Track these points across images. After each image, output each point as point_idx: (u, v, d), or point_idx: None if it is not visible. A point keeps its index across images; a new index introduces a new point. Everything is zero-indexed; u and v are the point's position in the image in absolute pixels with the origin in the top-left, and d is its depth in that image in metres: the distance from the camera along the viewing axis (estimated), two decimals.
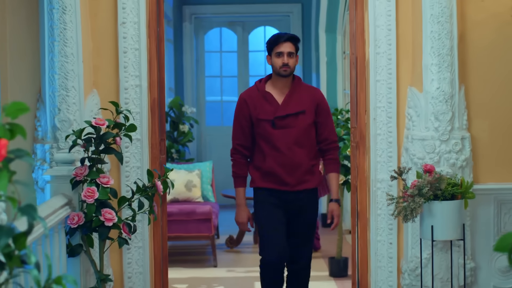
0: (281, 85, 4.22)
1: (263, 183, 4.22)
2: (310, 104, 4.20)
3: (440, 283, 4.21)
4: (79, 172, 3.77)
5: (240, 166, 4.30)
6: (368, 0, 4.33)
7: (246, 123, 4.25)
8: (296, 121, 4.17)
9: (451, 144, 4.21)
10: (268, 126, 4.17)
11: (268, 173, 4.19)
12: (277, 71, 4.17)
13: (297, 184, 4.19)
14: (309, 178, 4.21)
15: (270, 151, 4.17)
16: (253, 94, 4.25)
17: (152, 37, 4.37)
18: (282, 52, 4.15)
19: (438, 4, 4.14)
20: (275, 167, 4.17)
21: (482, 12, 4.34)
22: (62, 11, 4.09)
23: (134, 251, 4.37)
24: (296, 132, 4.16)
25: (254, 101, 4.22)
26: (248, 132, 4.26)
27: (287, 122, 4.17)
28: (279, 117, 4.16)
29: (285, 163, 4.16)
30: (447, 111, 4.18)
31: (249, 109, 4.23)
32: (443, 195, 3.85)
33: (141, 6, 4.31)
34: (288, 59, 4.15)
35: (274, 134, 4.16)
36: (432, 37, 4.15)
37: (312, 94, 4.25)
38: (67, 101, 4.12)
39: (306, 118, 4.18)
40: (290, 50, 4.16)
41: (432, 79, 4.17)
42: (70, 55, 4.10)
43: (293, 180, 4.18)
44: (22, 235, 2.04)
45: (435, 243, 4.13)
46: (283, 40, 4.16)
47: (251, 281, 5.91)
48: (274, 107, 4.19)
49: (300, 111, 4.17)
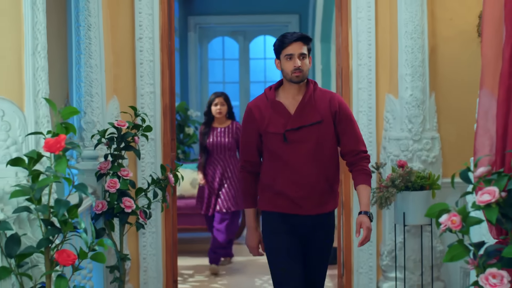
0: (294, 92, 3.60)
1: (272, 206, 3.62)
2: (327, 112, 3.57)
3: (412, 264, 4.86)
4: (103, 166, 4.40)
5: (248, 184, 3.71)
6: (352, 19, 5.00)
7: (254, 137, 3.64)
8: (311, 133, 3.55)
9: (423, 143, 4.86)
10: (278, 140, 3.56)
11: (278, 195, 3.58)
12: (289, 76, 3.55)
13: (313, 208, 3.57)
14: (328, 199, 3.60)
15: (282, 169, 3.56)
16: (261, 104, 3.64)
17: (164, 50, 5.04)
18: (293, 54, 3.53)
19: (411, 22, 4.79)
20: (287, 187, 3.55)
21: (451, 29, 4.98)
22: (88, 28, 4.74)
23: (149, 236, 5.03)
24: (312, 146, 3.54)
25: (263, 111, 3.61)
26: (256, 147, 3.66)
27: (300, 135, 3.54)
28: (291, 130, 3.54)
29: (299, 183, 3.54)
30: (419, 114, 4.84)
31: (256, 121, 3.61)
32: (413, 186, 4.51)
33: (155, 24, 4.98)
34: (301, 62, 3.53)
35: (286, 149, 3.54)
36: (406, 51, 4.81)
37: (329, 100, 3.60)
38: (92, 105, 4.76)
39: (324, 129, 3.56)
40: (301, 51, 3.53)
41: (406, 87, 4.83)
42: (94, 66, 4.75)
43: (308, 203, 3.56)
44: (74, 207, 2.70)
45: (408, 228, 4.77)
46: (293, 40, 3.53)
47: (251, 269, 6.56)
48: (285, 118, 3.56)
49: (315, 121, 3.54)
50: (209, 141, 6.58)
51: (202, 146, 6.66)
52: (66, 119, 2.75)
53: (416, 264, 4.85)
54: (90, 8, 4.65)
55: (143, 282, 5.06)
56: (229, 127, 6.57)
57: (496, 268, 2.33)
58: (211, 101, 6.74)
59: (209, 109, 6.71)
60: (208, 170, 6.63)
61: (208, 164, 6.64)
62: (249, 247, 3.75)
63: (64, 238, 2.70)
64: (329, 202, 3.61)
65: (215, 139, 6.57)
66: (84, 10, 4.66)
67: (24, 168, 2.70)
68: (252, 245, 3.73)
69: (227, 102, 6.72)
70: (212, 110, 6.66)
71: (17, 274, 2.64)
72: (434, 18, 4.96)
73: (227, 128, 6.60)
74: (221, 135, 6.58)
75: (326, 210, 3.61)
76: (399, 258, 4.82)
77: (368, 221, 3.55)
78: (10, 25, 2.81)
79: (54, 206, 2.63)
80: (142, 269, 5.07)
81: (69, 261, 2.64)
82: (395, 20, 4.87)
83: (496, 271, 2.32)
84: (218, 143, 6.55)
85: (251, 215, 3.70)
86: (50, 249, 2.67)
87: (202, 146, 6.66)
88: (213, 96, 6.75)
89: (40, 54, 2.89)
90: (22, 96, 2.85)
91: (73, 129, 2.73)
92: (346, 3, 5.02)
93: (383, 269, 5.00)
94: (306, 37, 3.55)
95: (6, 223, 2.61)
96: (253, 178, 3.71)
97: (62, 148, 2.61)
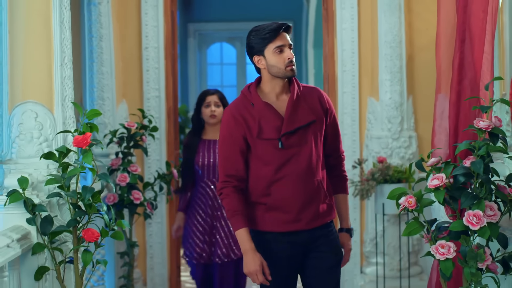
0: (278, 90, 3.17)
1: (267, 225, 3.15)
2: (319, 110, 3.19)
3: (392, 250, 5.39)
4: (114, 162, 4.91)
5: (236, 200, 3.14)
6: (337, 29, 5.54)
7: (239, 147, 3.15)
8: (306, 135, 3.14)
9: (401, 141, 5.40)
10: (272, 147, 3.11)
11: (274, 209, 3.13)
12: (282, 72, 3.11)
13: (312, 220, 3.15)
14: (325, 209, 3.20)
15: (278, 179, 3.11)
16: (243, 108, 3.17)
17: (168, 58, 5.58)
18: (284, 45, 3.10)
19: (390, 33, 5.33)
20: (285, 199, 3.12)
21: (427, 39, 5.49)
22: (99, 39, 5.26)
23: (155, 226, 5.57)
24: (309, 150, 3.14)
25: (248, 116, 3.15)
26: (242, 158, 3.16)
27: (296, 137, 3.13)
28: (288, 133, 3.12)
29: (297, 192, 3.12)
30: (398, 115, 5.38)
31: (242, 128, 3.14)
32: (391, 179, 5.05)
33: (160, 35, 5.52)
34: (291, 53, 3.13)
35: (280, 156, 3.11)
36: (386, 59, 5.35)
37: (318, 97, 3.21)
38: (103, 108, 5.27)
39: (319, 129, 3.18)
40: (290, 41, 3.14)
41: (386, 91, 5.37)
42: (105, 73, 5.27)
43: (308, 215, 3.14)
44: (97, 193, 3.23)
45: (388, 217, 5.31)
46: (281, 30, 3.10)
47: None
48: (278, 121, 3.13)
49: (311, 121, 3.15)
50: (198, 159, 4.62)
51: (187, 167, 4.69)
52: (91, 120, 3.27)
53: (395, 250, 5.38)
54: (102, 21, 5.18)
55: (149, 268, 5.60)
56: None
57: (445, 240, 2.83)
58: (200, 100, 4.70)
59: (198, 112, 4.70)
60: (195, 204, 4.69)
61: (195, 196, 4.71)
62: (250, 273, 3.08)
63: (89, 219, 3.23)
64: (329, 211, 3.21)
65: (207, 156, 4.62)
66: (96, 23, 5.19)
67: (55, 161, 3.22)
68: (253, 270, 3.06)
69: (223, 102, 4.78)
70: (203, 113, 4.66)
71: (49, 249, 3.17)
72: (411, 29, 5.49)
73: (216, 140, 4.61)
74: (215, 150, 4.59)
75: (326, 220, 3.20)
76: (380, 245, 5.35)
77: (350, 242, 3.29)
78: (42, 41, 3.33)
79: (82, 192, 3.16)
80: (148, 256, 5.61)
81: (94, 238, 3.16)
82: (375, 31, 5.40)
83: (445, 242, 2.81)
84: (210, 162, 4.61)
85: (245, 236, 3.10)
86: (77, 228, 3.20)
87: (187, 167, 4.69)
88: (203, 94, 4.72)
89: (67, 65, 3.42)
90: (52, 100, 3.36)
91: (96, 128, 3.26)
92: (332, 15, 5.57)
93: (366, 255, 5.53)
94: (289, 26, 3.13)
95: (42, 206, 3.14)
96: (239, 194, 3.15)
97: (88, 143, 3.14)
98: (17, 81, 3.31)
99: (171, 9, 5.60)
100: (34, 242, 3.14)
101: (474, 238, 2.77)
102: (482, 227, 2.70)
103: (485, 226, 2.70)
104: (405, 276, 5.32)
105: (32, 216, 3.12)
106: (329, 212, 3.21)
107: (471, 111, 2.99)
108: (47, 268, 3.17)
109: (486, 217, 2.72)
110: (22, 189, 3.11)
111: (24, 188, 3.11)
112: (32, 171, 3.26)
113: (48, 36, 3.34)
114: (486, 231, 2.71)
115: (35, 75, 3.34)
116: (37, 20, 3.32)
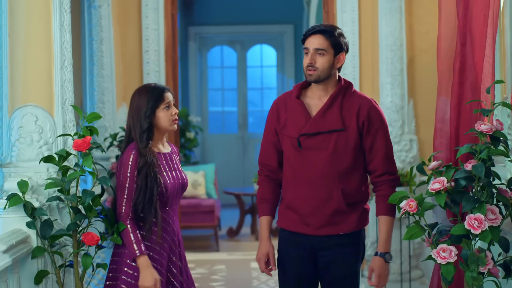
0: (320, 92, 3.11)
1: (282, 221, 3.18)
2: (353, 120, 3.07)
3: (393, 254, 5.37)
4: (114, 166, 4.92)
5: (265, 189, 3.20)
6: None
7: (272, 138, 3.17)
8: (329, 141, 3.06)
9: (402, 144, 5.40)
10: (292, 145, 3.10)
11: (288, 209, 3.14)
12: (304, 74, 3.10)
13: (321, 227, 3.08)
14: (341, 220, 3.08)
15: (293, 178, 3.11)
16: (283, 100, 3.18)
17: (168, 62, 5.58)
18: (308, 48, 3.06)
19: (391, 36, 5.32)
20: (296, 201, 3.10)
21: (427, 41, 5.50)
22: (100, 42, 5.26)
23: None
24: (328, 157, 3.06)
25: (282, 109, 3.15)
26: (274, 149, 3.17)
27: (317, 142, 3.07)
28: (306, 135, 3.07)
29: (309, 196, 3.07)
30: (398, 119, 5.37)
31: (276, 120, 3.16)
32: None
33: (160, 38, 5.52)
34: (315, 58, 3.04)
35: (298, 156, 3.09)
36: (386, 62, 5.35)
37: (359, 106, 3.09)
38: (103, 111, 5.28)
39: (346, 139, 3.07)
40: (317, 46, 3.03)
41: (386, 94, 5.36)
42: (106, 76, 5.27)
43: (316, 221, 3.08)
44: (97, 196, 3.22)
45: None
46: (311, 33, 3.07)
47: (247, 262, 7.06)
48: (304, 121, 3.09)
49: (336, 129, 3.05)
50: (166, 181, 3.19)
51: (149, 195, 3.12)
52: (91, 123, 3.27)
53: (396, 253, 5.37)
54: (102, 24, 5.19)
55: None
56: (173, 150, 3.38)
57: (446, 244, 2.82)
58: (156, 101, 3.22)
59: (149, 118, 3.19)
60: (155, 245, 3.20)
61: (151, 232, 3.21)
62: (257, 260, 3.17)
63: (89, 223, 3.22)
64: (343, 223, 3.09)
65: (175, 177, 3.27)
66: (96, 26, 5.20)
67: (55, 164, 3.22)
68: (258, 257, 3.15)
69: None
70: (161, 118, 3.21)
71: (49, 252, 3.16)
72: (412, 32, 5.49)
73: (173, 152, 3.36)
74: (177, 168, 3.31)
75: (336, 232, 3.08)
76: None
77: (381, 267, 3.10)
78: (42, 44, 3.32)
79: (82, 195, 3.15)
80: None
81: (94, 241, 3.16)
82: (376, 34, 5.40)
83: (446, 246, 2.80)
84: (178, 184, 3.28)
85: (263, 224, 3.16)
86: (77, 232, 3.19)
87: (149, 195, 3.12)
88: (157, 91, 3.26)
89: (67, 68, 3.41)
90: (52, 103, 3.36)
91: (96, 131, 3.26)
92: (332, 18, 5.57)
93: (367, 259, 5.52)
94: (325, 30, 3.04)
95: (42, 210, 3.13)
96: (270, 183, 3.20)
97: (88, 147, 3.14)
98: (17, 84, 3.31)
99: (172, 12, 5.61)
100: (34, 246, 3.14)
101: (475, 242, 2.77)
102: (484, 231, 2.69)
103: (486, 230, 2.69)
104: (406, 279, 5.30)
105: (32, 220, 3.12)
106: (347, 224, 3.10)
107: (472, 114, 2.98)
108: (47, 272, 3.16)
109: (488, 220, 2.71)
110: (22, 192, 3.10)
111: (24, 192, 3.11)
112: (32, 175, 3.26)
113: (48, 39, 3.34)
114: (488, 235, 2.70)
115: (35, 78, 3.34)
116: (37, 23, 3.32)
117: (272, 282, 6.19)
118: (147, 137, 3.16)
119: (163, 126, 3.22)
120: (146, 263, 3.09)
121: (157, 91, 3.26)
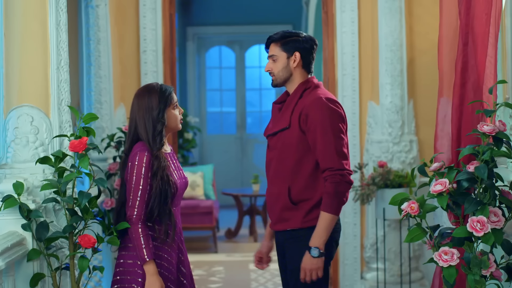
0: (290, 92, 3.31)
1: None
2: (296, 118, 3.17)
3: (393, 255, 5.34)
4: (112, 167, 4.87)
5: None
6: (337, 33, 5.49)
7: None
8: (279, 140, 3.23)
9: (402, 145, 5.35)
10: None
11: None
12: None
13: (275, 222, 3.27)
14: (288, 216, 3.20)
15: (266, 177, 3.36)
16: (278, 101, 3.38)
17: (166, 62, 5.53)
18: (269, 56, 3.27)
19: (391, 36, 5.28)
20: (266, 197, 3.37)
21: (427, 42, 5.46)
22: (97, 42, 5.21)
23: None
24: (277, 155, 3.23)
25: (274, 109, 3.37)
26: None
27: (274, 142, 3.26)
28: (268, 135, 3.30)
29: (268, 193, 3.30)
30: (398, 120, 5.33)
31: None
32: (391, 184, 4.99)
33: (158, 38, 5.47)
34: (271, 65, 3.24)
35: (267, 155, 3.32)
36: (386, 62, 5.30)
37: (303, 106, 3.17)
38: (101, 112, 5.23)
39: (290, 137, 3.18)
40: (270, 53, 3.24)
41: (386, 95, 5.32)
42: (103, 76, 5.23)
43: (272, 216, 3.29)
44: (94, 198, 3.17)
45: (389, 222, 5.25)
46: (265, 45, 3.31)
47: (246, 264, 7.03)
48: (271, 122, 3.35)
49: (282, 128, 3.21)
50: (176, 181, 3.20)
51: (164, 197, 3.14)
52: (87, 124, 3.22)
53: (396, 255, 5.33)
54: (100, 24, 5.14)
55: None
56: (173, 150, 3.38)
57: (448, 247, 2.78)
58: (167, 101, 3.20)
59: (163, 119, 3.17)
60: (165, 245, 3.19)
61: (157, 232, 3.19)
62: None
63: (85, 225, 3.17)
64: (291, 219, 3.19)
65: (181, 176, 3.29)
66: (94, 26, 5.15)
67: (51, 166, 3.17)
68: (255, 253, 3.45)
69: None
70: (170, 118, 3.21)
71: (45, 255, 3.11)
72: (412, 32, 5.45)
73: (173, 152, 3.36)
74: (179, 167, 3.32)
75: (286, 227, 3.22)
76: (380, 250, 5.30)
77: (306, 260, 3.11)
78: (38, 43, 3.27)
79: (78, 197, 3.10)
80: None
81: (90, 244, 3.10)
82: (376, 34, 5.36)
83: (448, 249, 2.76)
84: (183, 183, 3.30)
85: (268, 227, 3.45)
86: (73, 234, 3.14)
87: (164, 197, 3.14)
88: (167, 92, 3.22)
89: (63, 68, 3.36)
90: (48, 104, 3.31)
91: (92, 132, 3.21)
92: (332, 18, 5.52)
93: (367, 261, 5.48)
94: (273, 38, 3.23)
95: (38, 212, 3.08)
96: None
97: (84, 148, 3.09)
98: (13, 84, 3.26)
99: (170, 12, 5.56)
100: (29, 248, 3.08)
101: (478, 244, 2.73)
102: (486, 233, 2.65)
103: (489, 232, 2.65)
104: (406, 281, 5.26)
105: (27, 222, 3.06)
106: (293, 221, 3.21)
107: (474, 115, 2.94)
108: (42, 274, 3.11)
109: (490, 223, 2.67)
110: (17, 194, 3.05)
111: (19, 193, 3.05)
112: (27, 176, 3.21)
113: (44, 38, 3.29)
114: (490, 238, 2.66)
115: (31, 78, 3.28)
116: (33, 23, 3.27)
117: (271, 284, 6.15)
118: (160, 139, 3.13)
119: (171, 126, 3.23)
120: (154, 270, 3.08)
121: (167, 91, 3.24)
